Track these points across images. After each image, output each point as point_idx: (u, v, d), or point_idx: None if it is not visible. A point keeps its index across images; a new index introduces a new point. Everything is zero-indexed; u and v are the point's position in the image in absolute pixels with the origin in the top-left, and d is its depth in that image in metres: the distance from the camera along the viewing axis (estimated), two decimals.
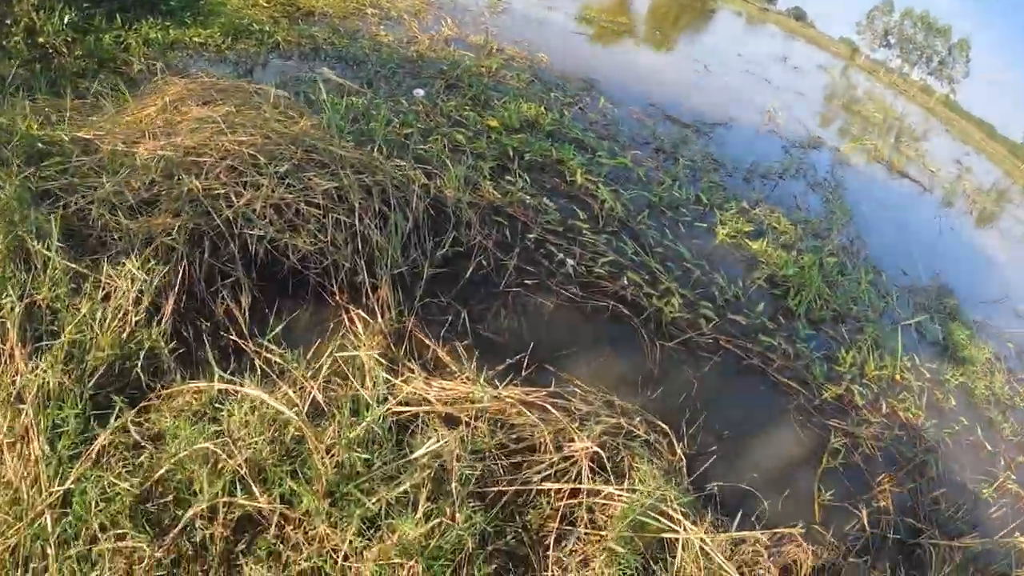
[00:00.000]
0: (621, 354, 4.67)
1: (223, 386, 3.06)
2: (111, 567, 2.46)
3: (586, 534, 3.20)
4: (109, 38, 6.40)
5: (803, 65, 29.11)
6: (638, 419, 3.78)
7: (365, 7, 10.66)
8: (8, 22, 5.77)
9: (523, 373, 3.90)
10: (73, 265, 3.33)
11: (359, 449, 3.00)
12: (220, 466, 2.80)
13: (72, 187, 3.74)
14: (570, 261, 5.22)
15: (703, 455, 3.95)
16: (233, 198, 4.02)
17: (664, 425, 3.84)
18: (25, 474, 2.60)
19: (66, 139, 4.11)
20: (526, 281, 4.92)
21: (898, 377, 6.38)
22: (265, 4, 9.14)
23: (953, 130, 40.94)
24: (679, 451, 3.59)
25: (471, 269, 4.76)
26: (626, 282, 5.26)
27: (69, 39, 6.08)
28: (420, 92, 7.61)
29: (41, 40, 5.91)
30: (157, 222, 3.73)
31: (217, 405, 3.05)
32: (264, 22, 8.40)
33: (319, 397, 3.22)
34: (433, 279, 4.55)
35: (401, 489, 2.88)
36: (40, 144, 3.95)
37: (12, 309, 3.01)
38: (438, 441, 2.87)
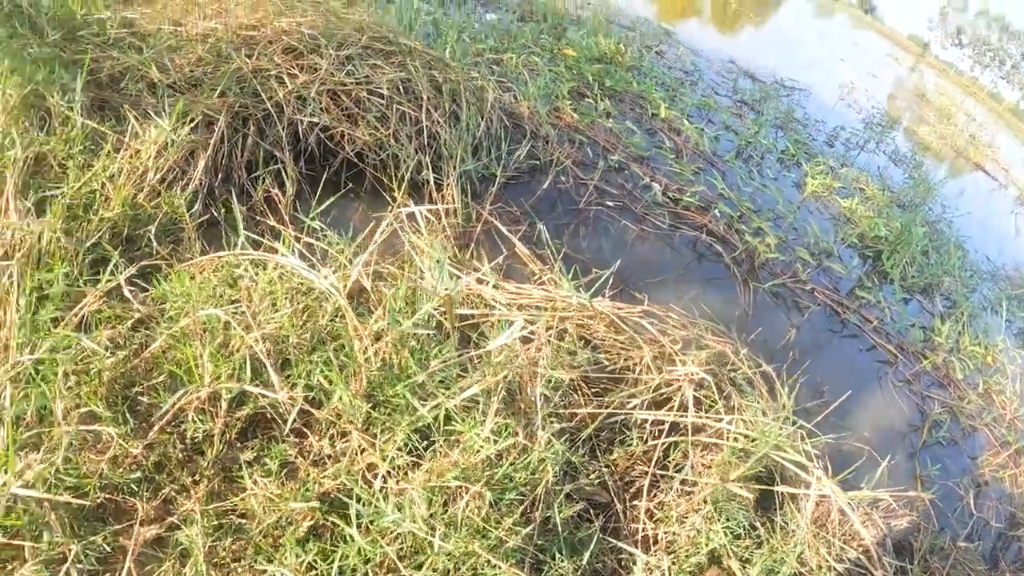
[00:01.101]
0: (712, 290, 4.12)
1: (249, 254, 2.52)
2: (73, 459, 1.91)
3: (685, 481, 2.68)
4: None
5: (874, 52, 27.90)
6: (743, 352, 3.23)
7: None
8: None
9: (607, 294, 3.34)
10: (92, 123, 2.91)
11: (413, 341, 2.45)
12: (231, 345, 2.27)
13: (109, 58, 3.32)
14: (656, 186, 4.66)
15: (804, 409, 3.40)
16: (286, 80, 3.60)
17: (767, 366, 3.29)
18: None
19: (108, 15, 3.62)
20: (607, 203, 4.39)
21: (990, 359, 5.80)
22: None
23: (1022, 136, 39.08)
24: (784, 397, 3.04)
25: (549, 181, 4.25)
26: (718, 214, 4.71)
27: None
28: (491, 16, 7.08)
29: None
30: (198, 100, 3.30)
31: (238, 272, 2.55)
32: None
33: (365, 282, 2.66)
34: (505, 187, 4.06)
35: (467, 394, 2.26)
36: (79, 19, 3.51)
37: (14, 159, 2.58)
38: (522, 328, 2.26)
